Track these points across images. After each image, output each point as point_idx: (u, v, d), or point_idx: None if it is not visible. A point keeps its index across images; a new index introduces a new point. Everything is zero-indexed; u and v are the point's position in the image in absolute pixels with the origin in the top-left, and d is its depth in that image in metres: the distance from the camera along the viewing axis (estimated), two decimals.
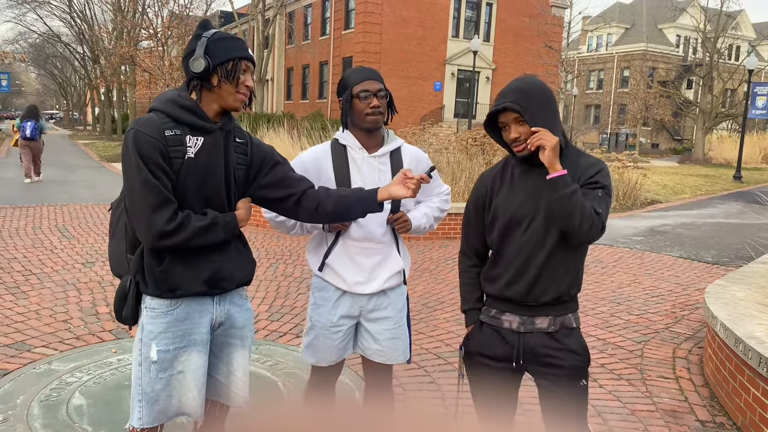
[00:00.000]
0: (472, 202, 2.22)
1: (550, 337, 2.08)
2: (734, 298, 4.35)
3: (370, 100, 2.37)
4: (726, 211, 13.95)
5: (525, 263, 2.06)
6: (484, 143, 12.91)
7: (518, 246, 2.07)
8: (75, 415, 3.21)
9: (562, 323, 2.09)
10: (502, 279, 2.11)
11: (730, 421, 3.55)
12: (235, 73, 1.98)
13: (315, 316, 2.50)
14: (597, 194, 1.98)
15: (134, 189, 1.90)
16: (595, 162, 2.05)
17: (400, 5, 30.77)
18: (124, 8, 34.00)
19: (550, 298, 2.06)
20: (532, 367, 2.12)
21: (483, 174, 2.22)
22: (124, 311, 2.06)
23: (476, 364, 2.20)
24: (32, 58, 51.35)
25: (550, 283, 2.05)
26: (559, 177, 1.94)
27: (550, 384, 2.09)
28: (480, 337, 2.18)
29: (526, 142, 2.00)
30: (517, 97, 2.00)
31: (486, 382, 2.19)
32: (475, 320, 2.21)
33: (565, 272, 2.06)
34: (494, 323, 2.15)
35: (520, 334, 2.10)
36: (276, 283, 6.11)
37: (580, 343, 2.11)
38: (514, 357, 2.11)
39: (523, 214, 2.06)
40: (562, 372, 2.07)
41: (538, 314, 2.09)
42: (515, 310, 2.11)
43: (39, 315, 4.80)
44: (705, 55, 35.19)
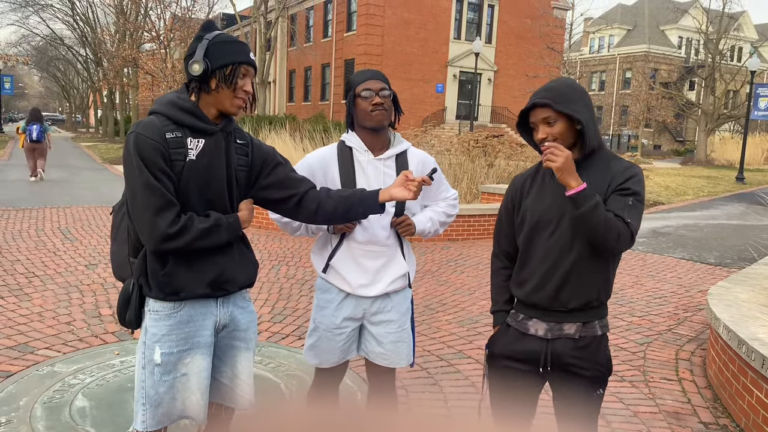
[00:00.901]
0: (504, 204, 2.22)
1: (576, 345, 2.05)
2: (737, 299, 4.34)
3: (372, 98, 2.36)
4: (728, 213, 13.92)
5: (551, 268, 2.03)
6: (486, 145, 12.91)
7: (545, 250, 2.04)
8: (78, 417, 3.21)
9: (589, 330, 2.06)
10: (529, 284, 2.08)
11: (733, 423, 3.54)
12: (233, 78, 1.97)
13: (318, 318, 2.50)
14: (627, 202, 1.94)
15: (136, 192, 1.89)
16: (628, 167, 2.00)
17: (401, 7, 30.80)
18: (127, 11, 34.09)
19: (578, 304, 2.03)
20: (555, 374, 2.10)
21: (516, 177, 2.21)
22: (127, 315, 2.05)
23: (499, 366, 2.18)
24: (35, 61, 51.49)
25: (577, 288, 2.02)
26: (577, 194, 1.89)
27: (567, 391, 2.08)
28: (505, 339, 2.16)
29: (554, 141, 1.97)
30: (547, 93, 1.98)
31: (507, 385, 2.17)
32: (502, 322, 2.20)
33: (593, 278, 2.03)
34: (520, 328, 2.13)
35: (548, 340, 2.08)
36: (278, 285, 6.11)
37: (605, 354, 2.09)
38: (541, 364, 2.08)
39: (550, 217, 2.03)
40: (583, 381, 2.07)
41: (566, 320, 2.05)
42: (542, 317, 2.08)
43: (42, 317, 4.81)
44: (707, 57, 35.15)
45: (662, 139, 46.72)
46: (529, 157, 13.40)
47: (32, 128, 13.35)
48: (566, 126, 1.98)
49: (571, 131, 2.00)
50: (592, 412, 2.11)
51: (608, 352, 2.11)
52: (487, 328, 5.01)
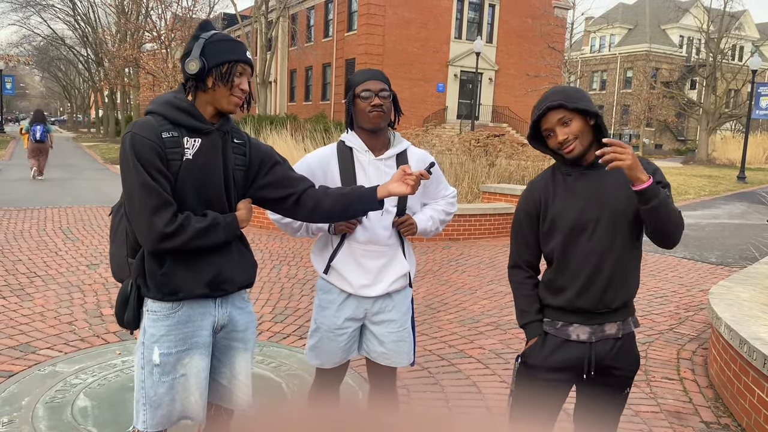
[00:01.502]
0: (523, 213, 2.14)
1: (615, 345, 2.06)
2: (739, 299, 4.34)
3: (371, 99, 2.35)
4: (730, 212, 13.91)
5: (594, 270, 2.00)
6: (487, 144, 12.91)
7: (585, 253, 2.01)
8: (80, 417, 3.21)
9: (627, 327, 2.08)
10: (571, 289, 2.04)
11: (734, 422, 3.54)
12: (230, 76, 1.97)
13: (320, 318, 2.50)
14: (666, 193, 1.93)
15: (133, 192, 1.89)
16: (647, 163, 1.98)
17: (402, 7, 30.79)
18: (128, 11, 34.12)
19: (620, 303, 2.03)
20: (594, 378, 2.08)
21: (531, 183, 2.15)
22: (125, 315, 2.04)
23: (533, 379, 2.11)
24: (36, 61, 51.55)
25: (621, 287, 2.02)
26: (648, 187, 1.85)
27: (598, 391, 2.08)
28: (544, 350, 2.09)
29: (575, 140, 1.97)
30: (555, 96, 1.98)
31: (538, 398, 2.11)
32: (539, 332, 2.11)
33: (632, 275, 2.04)
34: (561, 335, 2.08)
35: (591, 344, 2.05)
36: (279, 284, 6.12)
37: (636, 352, 2.11)
38: (585, 370, 2.06)
39: (587, 220, 2.00)
40: (616, 382, 2.07)
41: (608, 320, 2.04)
42: (585, 321, 2.05)
43: (44, 317, 4.82)
44: (708, 56, 35.13)
45: (663, 138, 46.69)
46: (530, 156, 13.39)
47: (36, 129, 13.94)
48: (582, 123, 1.98)
49: (589, 129, 2.00)
50: (617, 412, 2.12)
51: (637, 349, 2.13)
52: (489, 328, 5.01)
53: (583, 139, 1.99)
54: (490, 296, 6.01)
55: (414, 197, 2.50)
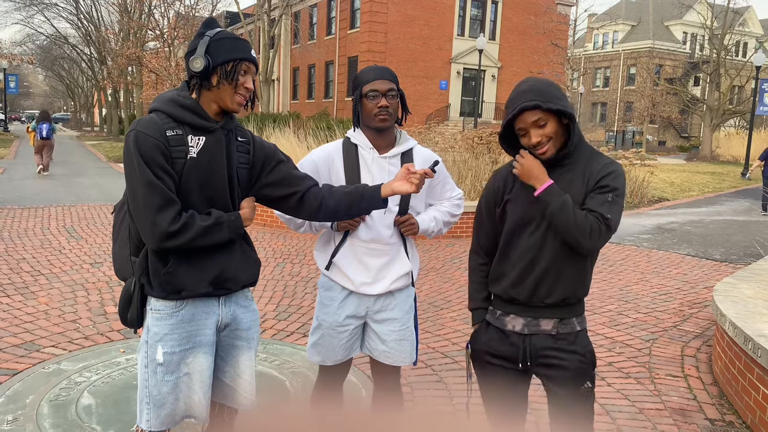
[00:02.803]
0: (484, 199, 2.20)
1: (554, 339, 2.06)
2: (743, 295, 4.33)
3: (378, 100, 2.34)
4: (734, 209, 13.88)
5: (530, 263, 2.04)
6: (490, 142, 12.89)
7: (525, 247, 2.05)
8: (84, 415, 3.22)
9: (566, 326, 2.07)
10: (507, 279, 2.09)
11: (739, 419, 3.53)
12: (235, 74, 1.96)
13: (321, 316, 2.49)
14: (606, 198, 1.94)
15: (137, 190, 1.88)
16: (607, 163, 2.00)
17: (405, 4, 30.75)
18: (131, 9, 34.14)
19: (555, 299, 2.04)
20: (537, 369, 2.11)
21: (496, 171, 2.19)
22: (129, 314, 2.04)
23: (483, 364, 2.19)
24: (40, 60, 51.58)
25: (555, 284, 2.03)
26: (542, 193, 1.95)
27: (555, 386, 2.08)
28: (486, 337, 2.17)
29: (549, 142, 1.97)
30: (531, 95, 1.95)
31: (493, 382, 2.17)
32: (482, 319, 2.20)
33: (571, 274, 2.04)
34: (498, 324, 2.14)
35: (525, 335, 2.09)
36: (283, 282, 6.12)
37: (584, 346, 2.09)
38: (519, 358, 2.10)
39: (532, 215, 2.04)
40: (566, 374, 2.06)
41: (543, 316, 2.07)
42: (520, 312, 2.09)
43: (48, 315, 4.83)
44: (712, 52, 35.01)
45: (667, 135, 46.57)
46: None
47: (42, 127, 15.04)
48: (557, 124, 1.98)
49: (562, 129, 2.00)
50: (585, 408, 2.08)
51: (589, 344, 2.11)
52: None
53: (557, 141, 1.99)
54: None
55: (418, 197, 2.49)
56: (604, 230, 1.92)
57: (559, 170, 2.02)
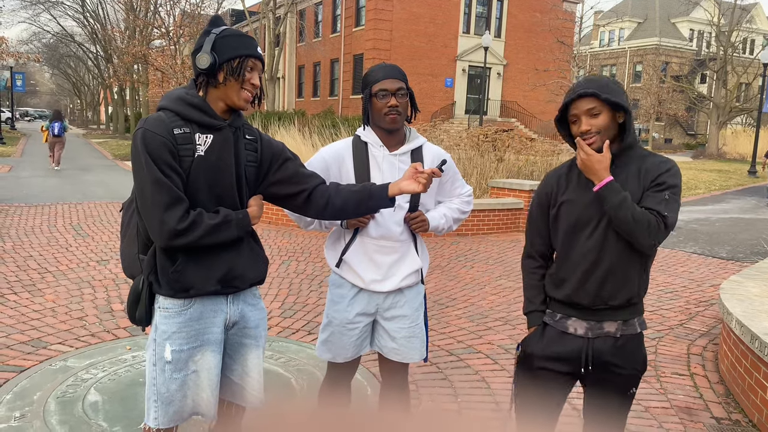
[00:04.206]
0: (536, 203, 2.17)
1: (616, 344, 2.04)
2: (749, 294, 4.31)
3: (388, 99, 2.34)
4: (740, 207, 13.82)
5: (592, 266, 2.01)
6: (495, 139, 12.88)
7: (585, 249, 2.02)
8: (90, 412, 3.24)
9: (629, 328, 2.05)
10: (570, 283, 2.05)
11: (745, 418, 3.52)
12: (241, 71, 1.96)
13: (332, 313, 2.50)
14: (663, 196, 1.93)
15: (145, 188, 1.88)
16: (662, 161, 1.99)
17: (410, 2, 30.70)
18: (137, 7, 34.22)
19: (620, 301, 2.02)
20: (595, 374, 2.08)
21: (548, 174, 2.18)
22: (137, 312, 2.04)
23: (534, 367, 2.14)
24: (46, 58, 51.81)
25: (619, 285, 2.01)
26: (602, 189, 1.93)
27: (602, 389, 2.07)
28: (543, 340, 2.12)
29: (597, 135, 1.96)
30: (591, 84, 1.97)
31: (539, 386, 2.13)
32: (539, 322, 2.15)
33: (633, 274, 2.02)
34: (560, 327, 2.10)
35: (588, 339, 2.06)
36: (288, 280, 6.13)
37: (642, 353, 2.08)
38: (582, 363, 2.06)
39: (590, 216, 2.01)
40: (619, 380, 2.05)
41: (607, 318, 2.04)
42: (582, 316, 2.05)
43: (55, 312, 4.85)
44: (719, 49, 34.82)
45: (673, 132, 46.37)
46: (539, 151, 13.35)
47: (54, 125, 16.52)
48: (610, 118, 1.97)
49: (614, 124, 1.99)
50: (623, 411, 2.10)
51: (644, 350, 2.10)
52: (497, 323, 5.01)
53: (605, 135, 1.97)
54: (498, 291, 6.00)
55: (428, 194, 2.49)
56: (662, 228, 1.91)
57: (613, 168, 2.01)
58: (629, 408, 2.12)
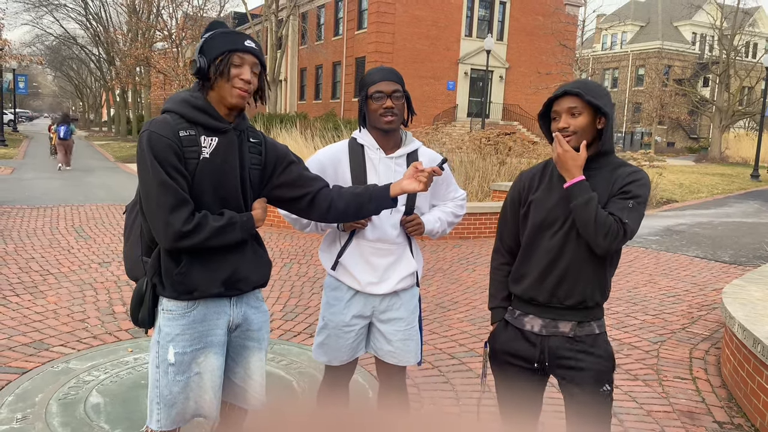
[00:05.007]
0: (509, 199, 2.22)
1: (572, 342, 2.06)
2: (752, 298, 4.30)
3: (383, 101, 2.35)
4: (743, 211, 13.80)
5: (551, 264, 2.05)
6: (497, 143, 12.87)
7: (546, 248, 2.06)
8: (92, 414, 3.24)
9: (584, 329, 2.07)
10: (528, 279, 2.10)
11: (748, 422, 3.51)
12: (225, 67, 1.94)
13: (328, 316, 2.50)
14: (627, 204, 1.96)
15: (150, 190, 1.89)
16: (632, 171, 2.01)
17: (413, 5, 30.74)
18: (139, 10, 34.30)
19: (574, 301, 2.04)
20: (556, 371, 2.11)
21: (522, 172, 2.22)
22: (140, 314, 2.04)
23: (501, 363, 2.20)
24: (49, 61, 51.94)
25: (574, 286, 2.03)
26: (572, 186, 1.96)
27: (573, 388, 2.08)
28: (504, 336, 2.18)
29: (573, 134, 1.99)
30: (578, 84, 2.01)
31: (510, 381, 2.18)
32: (500, 318, 2.21)
33: (590, 277, 2.04)
34: (517, 324, 2.15)
35: (543, 336, 2.09)
36: (290, 282, 6.13)
37: (604, 348, 2.09)
38: (536, 359, 2.10)
39: (556, 216, 2.05)
40: (586, 375, 2.06)
41: (562, 318, 2.07)
42: (539, 313, 2.09)
43: (57, 314, 4.86)
44: (722, 53, 34.81)
45: (676, 136, 46.34)
46: (541, 155, 13.34)
47: (61, 129, 17.13)
48: (589, 120, 1.99)
49: (592, 128, 2.01)
50: (603, 411, 2.09)
51: (609, 347, 2.11)
52: None
53: (582, 136, 2.00)
54: None
55: (423, 197, 2.50)
56: (621, 234, 1.93)
57: (585, 172, 2.03)
58: (610, 409, 2.10)
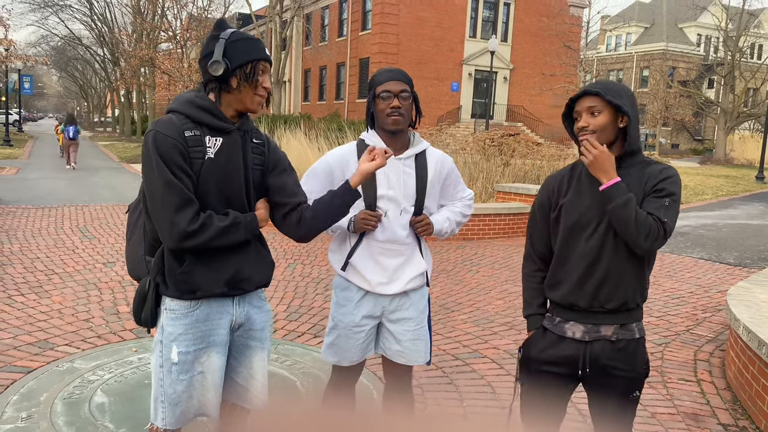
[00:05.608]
0: (538, 204, 2.19)
1: (614, 348, 2.04)
2: (757, 300, 4.29)
3: (391, 101, 2.36)
4: (748, 212, 13.76)
5: (589, 267, 2.02)
6: (501, 144, 12.87)
7: (583, 251, 2.03)
8: (97, 413, 3.25)
9: (626, 332, 2.05)
10: (566, 285, 2.07)
11: (752, 424, 3.50)
12: (254, 75, 1.97)
13: (338, 316, 2.50)
14: (663, 203, 1.94)
15: (155, 190, 1.89)
16: (663, 169, 2.00)
17: (417, 6, 30.75)
18: (144, 11, 34.39)
19: (615, 304, 2.02)
20: (593, 377, 2.08)
21: (549, 177, 2.19)
22: (143, 314, 2.05)
23: (534, 370, 2.15)
24: (54, 61, 52.13)
25: (615, 288, 2.01)
26: (609, 188, 1.93)
27: (603, 392, 2.07)
28: (542, 343, 2.13)
29: (593, 134, 1.97)
30: (598, 84, 2.00)
31: (541, 388, 2.14)
32: (538, 325, 2.16)
33: (630, 278, 2.02)
34: (557, 331, 2.11)
35: (586, 343, 2.06)
36: (294, 283, 6.14)
37: (642, 356, 2.08)
38: (579, 365, 2.07)
39: (589, 219, 2.02)
40: (620, 383, 2.05)
41: (603, 322, 2.04)
42: (579, 318, 2.06)
43: (61, 314, 4.87)
44: (726, 54, 34.73)
45: (680, 137, 46.23)
46: (545, 155, 13.32)
47: (69, 129, 17.79)
48: (610, 120, 1.98)
49: (613, 127, 1.99)
50: (627, 415, 2.09)
51: (646, 354, 2.10)
52: (503, 328, 5.00)
53: (602, 136, 1.98)
54: (504, 296, 5.99)
55: (431, 197, 2.51)
56: (661, 233, 1.91)
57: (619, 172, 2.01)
58: (634, 412, 2.11)
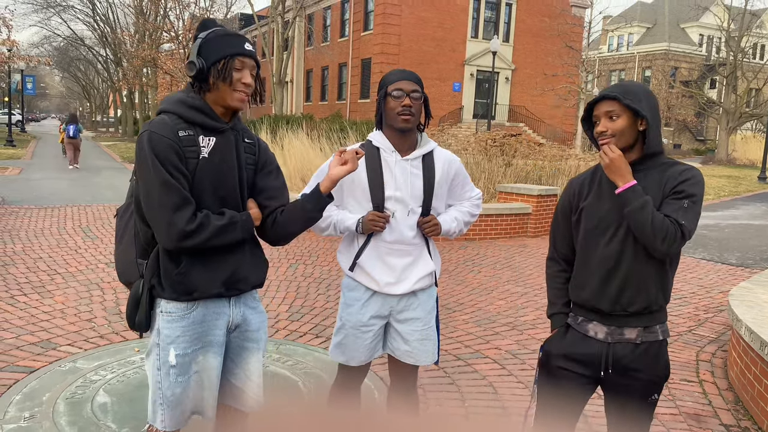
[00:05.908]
0: (560, 207, 2.20)
1: (637, 350, 2.04)
2: (759, 300, 4.28)
3: (402, 99, 2.37)
4: (750, 213, 13.74)
5: (610, 272, 2.02)
6: (503, 144, 12.87)
7: (603, 255, 2.03)
8: (99, 413, 3.26)
9: (650, 335, 2.05)
10: (588, 288, 2.07)
11: (755, 425, 3.49)
12: (227, 72, 1.95)
13: (345, 316, 2.51)
14: (682, 204, 1.92)
15: (152, 190, 1.88)
16: (684, 170, 1.98)
17: (419, 6, 30.75)
18: (146, 11, 34.45)
19: (638, 307, 2.01)
20: (614, 379, 2.08)
21: (571, 180, 2.20)
22: (137, 317, 2.03)
23: (554, 369, 2.15)
24: (56, 62, 52.21)
25: (637, 292, 2.01)
26: (625, 191, 1.93)
27: (622, 395, 2.07)
28: (565, 341, 2.14)
29: (612, 137, 1.97)
30: (616, 88, 1.99)
31: (558, 387, 2.14)
32: (561, 324, 2.17)
33: (653, 281, 2.01)
34: (580, 329, 2.12)
35: (609, 343, 2.06)
36: (296, 283, 6.14)
37: (664, 359, 2.07)
38: (602, 366, 2.06)
39: (609, 223, 2.02)
40: (639, 385, 2.05)
41: (627, 325, 2.04)
42: (603, 320, 2.06)
43: (64, 314, 4.88)
44: (729, 55, 34.68)
45: (682, 138, 46.17)
46: (547, 156, 13.32)
47: (70, 128, 17.92)
48: (629, 123, 1.97)
49: (632, 131, 1.98)
50: (645, 418, 2.09)
51: (667, 356, 2.09)
52: (505, 328, 5.00)
53: (622, 140, 1.98)
54: (506, 297, 5.99)
55: (439, 198, 2.52)
56: (678, 236, 1.90)
57: (634, 175, 2.00)
58: (652, 415, 2.11)
